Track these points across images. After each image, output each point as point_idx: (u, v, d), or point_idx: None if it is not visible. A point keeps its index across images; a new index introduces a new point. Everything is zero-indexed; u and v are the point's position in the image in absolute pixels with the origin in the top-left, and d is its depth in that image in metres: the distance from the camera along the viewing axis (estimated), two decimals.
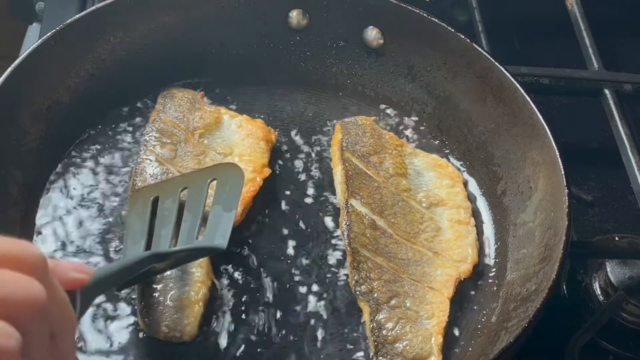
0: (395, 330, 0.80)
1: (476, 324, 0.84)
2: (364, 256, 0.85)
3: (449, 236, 0.89)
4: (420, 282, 0.84)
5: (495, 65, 0.94)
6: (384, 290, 0.83)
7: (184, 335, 0.79)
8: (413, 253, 0.87)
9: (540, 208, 0.86)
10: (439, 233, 0.89)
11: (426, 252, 0.87)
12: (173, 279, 0.82)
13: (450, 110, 1.00)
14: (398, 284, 0.84)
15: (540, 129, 0.88)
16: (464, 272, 0.87)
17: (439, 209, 0.92)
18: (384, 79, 1.05)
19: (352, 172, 0.92)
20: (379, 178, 0.92)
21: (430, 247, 0.88)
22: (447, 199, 0.92)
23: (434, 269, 0.86)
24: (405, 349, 0.79)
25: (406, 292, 0.83)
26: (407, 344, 0.79)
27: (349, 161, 0.93)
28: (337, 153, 0.94)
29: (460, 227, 0.90)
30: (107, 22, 0.98)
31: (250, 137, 0.96)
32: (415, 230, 0.89)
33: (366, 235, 0.86)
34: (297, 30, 1.05)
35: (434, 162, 0.96)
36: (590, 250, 0.93)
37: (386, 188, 0.91)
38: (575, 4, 1.21)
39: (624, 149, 1.01)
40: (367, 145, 0.95)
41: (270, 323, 0.82)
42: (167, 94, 0.99)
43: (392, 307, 0.82)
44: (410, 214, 0.90)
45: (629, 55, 1.26)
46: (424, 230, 0.89)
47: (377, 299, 0.82)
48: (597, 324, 0.87)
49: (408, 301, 0.82)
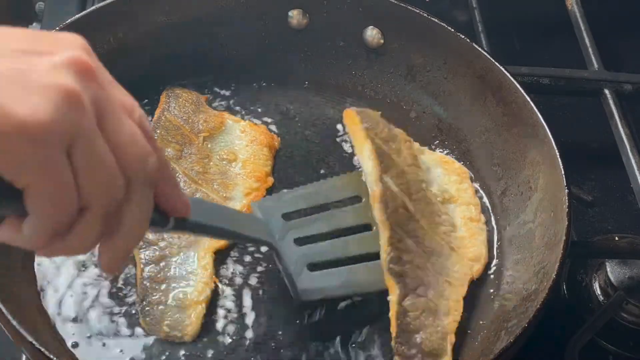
0: (418, 321, 0.77)
1: (476, 323, 0.84)
2: (399, 234, 0.80)
3: (463, 234, 0.88)
4: (441, 275, 0.82)
5: (495, 65, 0.94)
6: (413, 276, 0.79)
7: (185, 336, 0.79)
8: (435, 243, 0.84)
9: (540, 208, 0.86)
10: (454, 229, 0.87)
11: (445, 245, 0.85)
12: (176, 279, 0.83)
13: (450, 110, 1.00)
14: (424, 272, 0.80)
15: (540, 129, 0.88)
16: (477, 272, 0.85)
17: (451, 205, 0.90)
18: (384, 79, 1.05)
19: (379, 151, 0.87)
20: (402, 164, 0.88)
21: (448, 241, 0.85)
22: (457, 195, 0.91)
23: (452, 264, 0.83)
24: (425, 342, 0.76)
25: (430, 282, 0.80)
26: (427, 337, 0.76)
27: (374, 140, 0.87)
28: (361, 131, 0.89)
29: (473, 225, 0.89)
30: (107, 22, 0.98)
31: (253, 143, 0.96)
32: (435, 222, 0.86)
33: (399, 213, 0.82)
34: (297, 30, 1.05)
35: (440, 159, 0.96)
36: (590, 250, 0.93)
37: (409, 174, 0.87)
38: (575, 4, 1.21)
39: (624, 149, 1.01)
40: (384, 132, 0.91)
41: (271, 323, 0.82)
42: (171, 93, 0.99)
43: (418, 295, 0.78)
44: (430, 205, 0.87)
45: (629, 55, 1.26)
46: (442, 223, 0.87)
47: (407, 283, 0.78)
48: (597, 324, 0.87)
49: (431, 293, 0.79)
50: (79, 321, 0.80)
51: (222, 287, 0.84)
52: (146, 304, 0.81)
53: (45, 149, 0.49)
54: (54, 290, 0.82)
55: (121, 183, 0.54)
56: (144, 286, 0.82)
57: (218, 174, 0.92)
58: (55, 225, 0.52)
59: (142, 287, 0.82)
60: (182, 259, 0.84)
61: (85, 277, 0.84)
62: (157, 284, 0.82)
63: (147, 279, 0.82)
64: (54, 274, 0.84)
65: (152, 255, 0.84)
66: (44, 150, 0.49)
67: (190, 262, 0.84)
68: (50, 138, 0.49)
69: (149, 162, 0.56)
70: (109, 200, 0.54)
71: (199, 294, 0.81)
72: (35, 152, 0.48)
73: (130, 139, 0.54)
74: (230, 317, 0.82)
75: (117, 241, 0.57)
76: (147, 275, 0.83)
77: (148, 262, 0.84)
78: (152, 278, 0.82)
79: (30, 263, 0.84)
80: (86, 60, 0.53)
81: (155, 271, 0.83)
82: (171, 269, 0.84)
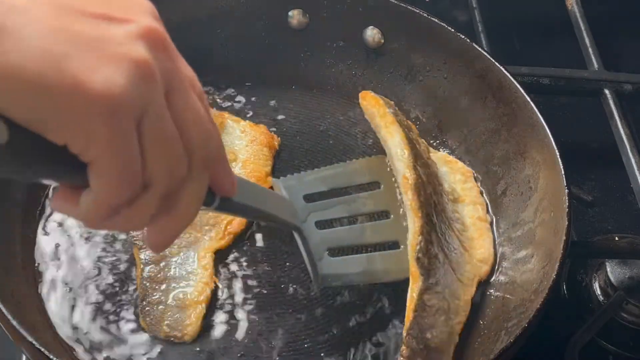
0: (433, 318, 0.76)
1: (476, 324, 0.84)
2: (430, 226, 0.80)
3: (472, 234, 0.87)
4: (455, 273, 0.81)
5: (495, 65, 0.94)
6: (435, 271, 0.78)
7: (185, 336, 0.79)
8: (453, 240, 0.83)
9: (540, 208, 0.86)
10: (465, 228, 0.87)
11: (459, 244, 0.84)
12: (176, 279, 0.83)
13: (450, 110, 1.00)
14: (444, 268, 0.79)
15: (540, 129, 0.88)
16: (484, 274, 0.85)
17: (459, 205, 0.90)
18: (384, 79, 1.05)
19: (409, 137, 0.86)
20: (424, 154, 0.87)
21: (462, 240, 0.85)
22: (464, 195, 0.91)
23: (464, 263, 0.83)
24: (433, 339, 0.75)
25: (447, 280, 0.79)
26: (437, 335, 0.76)
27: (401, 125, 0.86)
28: (388, 116, 0.88)
29: (481, 225, 0.88)
30: None
31: (253, 143, 0.96)
32: (451, 217, 0.86)
33: (430, 203, 0.81)
34: (297, 30, 1.05)
35: (444, 159, 0.96)
36: (590, 250, 0.93)
37: (430, 168, 0.87)
38: (575, 4, 1.21)
39: (624, 149, 1.01)
40: (405, 121, 0.90)
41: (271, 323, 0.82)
42: None
43: (437, 292, 0.78)
44: (445, 202, 0.87)
45: (629, 55, 1.26)
46: (456, 220, 0.87)
47: (429, 277, 0.77)
48: (597, 324, 0.87)
49: (447, 291, 0.79)
50: (79, 321, 0.80)
51: (222, 287, 0.84)
52: (146, 304, 0.81)
53: (117, 123, 0.47)
54: (54, 290, 0.82)
55: (185, 162, 0.52)
56: (144, 286, 0.82)
57: None
58: (117, 201, 0.50)
59: (142, 287, 0.82)
60: (182, 259, 0.85)
61: (85, 276, 0.84)
62: (157, 284, 0.82)
63: (147, 279, 0.82)
64: (54, 273, 0.84)
65: (152, 255, 0.84)
66: (116, 124, 0.47)
67: (190, 262, 0.84)
68: (122, 112, 0.47)
69: (211, 143, 0.54)
70: (172, 179, 0.52)
71: (199, 294, 0.82)
72: (107, 126, 0.46)
73: (196, 118, 0.53)
74: (230, 317, 0.82)
75: (171, 220, 0.55)
76: (147, 275, 0.83)
77: (148, 262, 0.84)
78: (152, 278, 0.83)
79: (30, 263, 0.84)
80: (160, 31, 0.51)
81: (155, 271, 0.83)
82: (171, 269, 0.84)
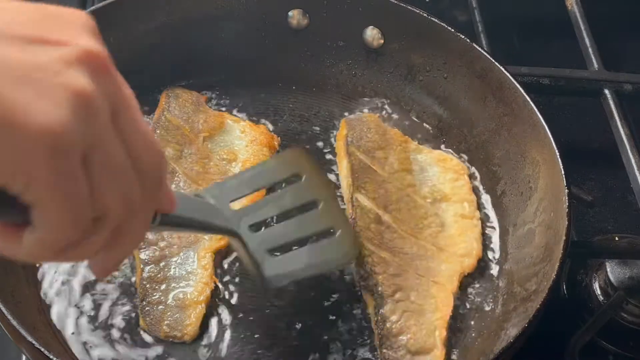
0: (399, 323, 0.80)
1: (476, 323, 0.84)
2: (369, 250, 0.84)
3: (452, 232, 0.89)
4: (425, 277, 0.84)
5: (495, 65, 0.94)
6: (388, 284, 0.82)
7: (185, 335, 0.79)
8: (417, 248, 0.87)
9: (540, 208, 0.86)
10: (443, 229, 0.89)
11: (430, 247, 0.87)
12: (176, 279, 0.83)
13: (450, 110, 1.00)
14: (402, 277, 0.83)
15: (540, 129, 0.88)
16: (468, 267, 0.87)
17: (443, 204, 0.91)
18: (384, 79, 1.05)
19: (358, 166, 0.91)
20: (384, 173, 0.92)
21: (434, 242, 0.88)
22: (451, 193, 0.92)
23: (438, 264, 0.86)
24: (410, 341, 0.79)
25: (411, 286, 0.83)
26: (411, 336, 0.79)
27: (354, 155, 0.92)
28: (342, 148, 0.94)
29: (465, 222, 0.90)
30: (107, 22, 0.97)
31: (253, 143, 0.96)
32: (419, 226, 0.89)
33: (371, 229, 0.86)
34: (297, 30, 1.05)
35: (438, 158, 0.96)
36: (590, 250, 0.93)
37: (391, 183, 0.91)
38: (575, 4, 1.21)
39: (624, 149, 1.01)
40: (372, 141, 0.94)
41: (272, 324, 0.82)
42: (171, 93, 0.99)
43: (397, 300, 0.82)
44: (415, 209, 0.90)
45: (629, 55, 1.26)
46: (428, 225, 0.89)
47: (381, 292, 0.82)
48: (597, 324, 0.87)
49: (412, 295, 0.82)
50: (79, 321, 0.80)
51: (222, 287, 0.84)
52: (146, 304, 0.81)
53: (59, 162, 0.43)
54: (54, 290, 0.82)
55: (138, 188, 0.49)
56: (144, 286, 0.82)
57: (218, 174, 0.92)
58: (64, 242, 0.47)
59: (142, 287, 0.82)
60: (182, 259, 0.85)
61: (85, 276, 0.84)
62: (157, 284, 0.82)
63: (147, 279, 0.82)
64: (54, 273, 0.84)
65: (152, 255, 0.84)
66: (59, 164, 0.43)
67: (190, 262, 0.84)
68: (65, 149, 0.43)
69: (162, 164, 0.51)
70: (126, 209, 0.49)
71: (198, 294, 0.82)
72: (48, 166, 0.43)
73: (146, 140, 0.49)
74: (230, 317, 0.82)
75: (120, 248, 0.52)
76: (147, 275, 0.83)
77: (148, 262, 0.84)
78: (152, 278, 0.83)
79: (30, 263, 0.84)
80: (99, 53, 0.47)
81: (155, 271, 0.83)
82: (171, 269, 0.84)
